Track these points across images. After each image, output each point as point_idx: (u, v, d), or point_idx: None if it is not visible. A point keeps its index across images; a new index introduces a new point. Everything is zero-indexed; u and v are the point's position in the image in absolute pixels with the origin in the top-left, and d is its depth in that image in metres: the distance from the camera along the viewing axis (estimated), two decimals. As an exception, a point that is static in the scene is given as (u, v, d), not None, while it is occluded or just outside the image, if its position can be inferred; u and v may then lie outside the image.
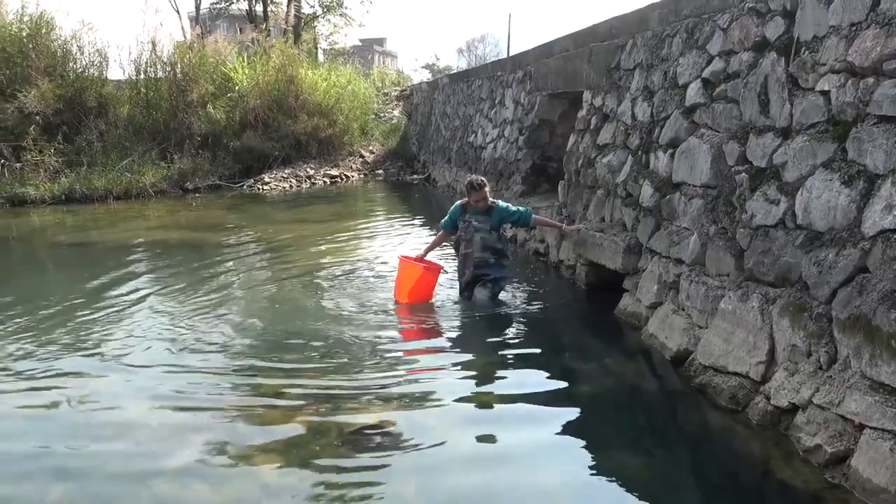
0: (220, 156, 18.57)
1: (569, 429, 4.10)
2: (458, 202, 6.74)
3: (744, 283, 4.45)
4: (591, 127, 7.47)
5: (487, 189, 6.52)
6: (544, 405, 4.46)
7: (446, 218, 6.76)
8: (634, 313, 5.80)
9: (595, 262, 6.63)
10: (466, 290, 6.60)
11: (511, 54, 19.40)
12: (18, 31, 17.79)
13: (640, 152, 6.23)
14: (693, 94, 5.42)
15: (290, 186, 18.35)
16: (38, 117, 16.90)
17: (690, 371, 4.64)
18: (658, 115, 5.98)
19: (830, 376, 3.53)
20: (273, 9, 30.59)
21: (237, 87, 19.25)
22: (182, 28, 30.12)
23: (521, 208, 6.72)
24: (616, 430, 4.16)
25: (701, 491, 3.55)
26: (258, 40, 21.73)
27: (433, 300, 6.65)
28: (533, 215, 6.77)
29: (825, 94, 3.98)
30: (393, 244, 10.16)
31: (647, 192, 5.92)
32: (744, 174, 4.61)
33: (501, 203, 6.63)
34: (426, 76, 48.91)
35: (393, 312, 6.39)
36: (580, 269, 7.11)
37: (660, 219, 5.69)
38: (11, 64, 17.31)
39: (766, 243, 4.27)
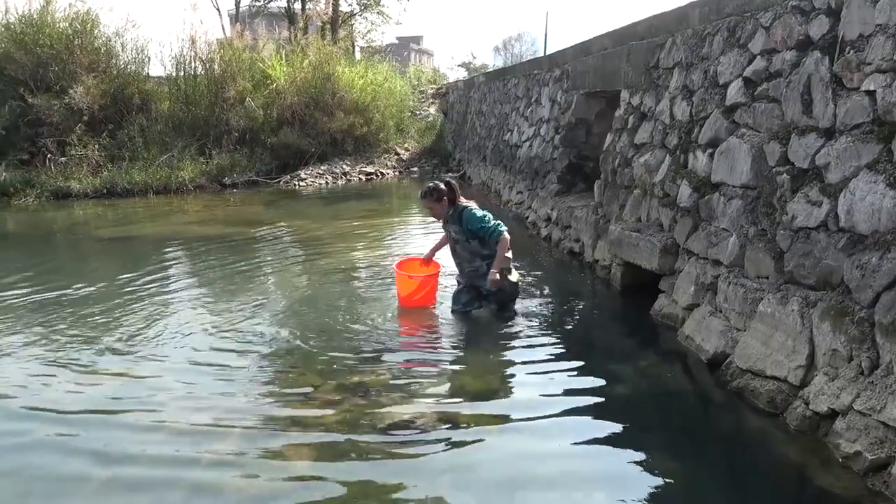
0: (257, 152, 18.80)
1: (602, 429, 4.08)
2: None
3: (783, 286, 4.38)
4: (629, 126, 7.41)
5: (432, 199, 5.79)
6: (578, 405, 4.43)
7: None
8: (670, 314, 5.75)
9: (631, 263, 6.57)
10: (459, 298, 6.19)
11: (548, 53, 19.31)
12: (65, 29, 18.18)
13: (678, 152, 6.16)
14: (734, 93, 5.35)
15: (326, 183, 18.49)
16: (84, 112, 17.27)
17: (727, 374, 4.59)
18: (697, 115, 5.91)
19: (872, 382, 3.47)
20: (311, 6, 30.81)
21: (275, 84, 19.43)
22: (222, 26, 30.47)
23: (489, 224, 5.70)
24: (651, 432, 4.13)
25: (737, 495, 3.51)
26: (296, 38, 21.91)
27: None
28: (500, 241, 5.68)
29: (870, 94, 3.89)
30: (427, 241, 10.17)
31: (684, 193, 5.85)
32: (785, 175, 4.54)
33: (474, 210, 5.79)
34: (462, 74, 48.92)
35: (428, 309, 6.39)
36: (615, 269, 7.06)
37: (698, 219, 5.63)
38: (58, 61, 17.70)
39: (807, 245, 4.20)
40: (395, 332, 5.82)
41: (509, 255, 5.84)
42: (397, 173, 20.35)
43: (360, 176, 19.40)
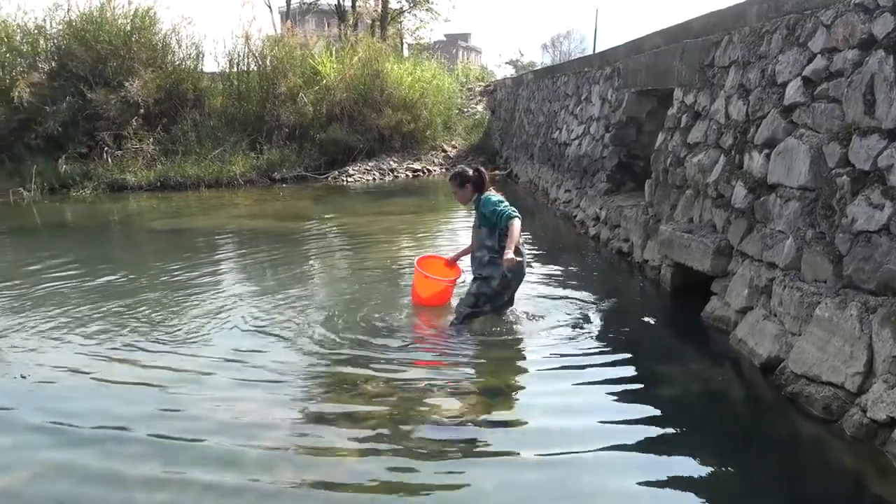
0: (306, 147, 19.05)
1: (651, 432, 4.04)
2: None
3: (842, 291, 4.28)
4: (682, 125, 7.31)
5: (455, 184, 5.65)
6: (626, 406, 4.40)
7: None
8: (722, 317, 5.66)
9: (681, 264, 6.49)
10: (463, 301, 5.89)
11: (597, 50, 19.14)
12: (124, 26, 18.64)
13: (733, 152, 6.06)
14: (792, 92, 5.24)
15: (374, 179, 18.63)
16: (140, 108, 17.70)
17: (781, 379, 4.50)
18: (754, 114, 5.81)
19: (935, 391, 3.37)
20: (361, 3, 31.01)
21: (324, 81, 19.63)
22: (273, 23, 30.93)
23: (499, 208, 5.40)
24: (702, 436, 4.07)
25: (790, 501, 3.45)
26: (345, 35, 22.09)
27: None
28: (510, 224, 5.33)
29: (938, 94, 3.78)
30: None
31: (739, 193, 5.76)
32: (845, 177, 4.43)
33: (490, 196, 5.56)
34: (510, 72, 48.72)
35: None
36: (665, 269, 6.97)
37: (753, 221, 5.53)
38: (117, 56, 18.16)
39: (867, 250, 4.09)
40: (442, 328, 5.84)
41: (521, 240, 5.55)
42: (444, 170, 20.38)
43: (407, 172, 19.49)
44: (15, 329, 6.16)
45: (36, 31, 18.95)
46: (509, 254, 5.19)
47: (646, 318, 6.28)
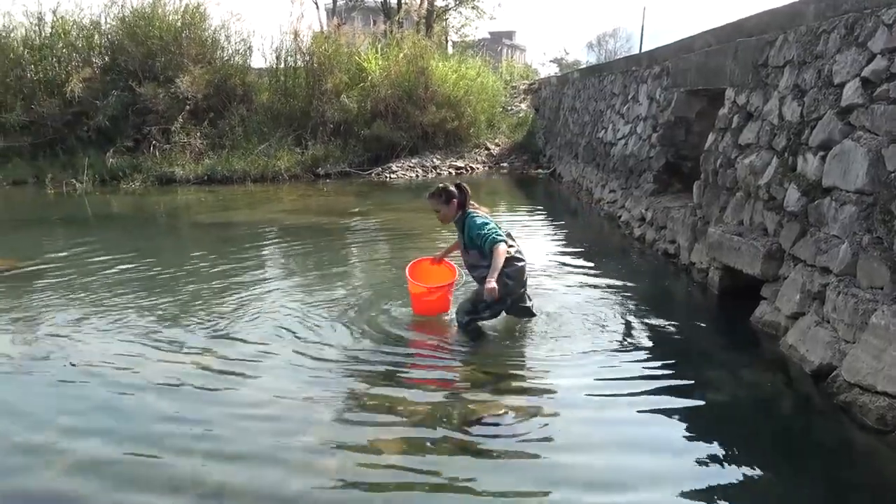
0: (350, 143, 19.19)
1: (697, 437, 3.97)
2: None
3: (900, 298, 4.16)
4: (733, 126, 7.17)
5: (440, 202, 5.38)
6: (671, 410, 4.33)
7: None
8: (772, 322, 5.54)
9: (730, 267, 6.37)
10: (461, 306, 5.73)
11: (644, 49, 18.90)
12: (174, 22, 19.00)
13: (786, 154, 5.93)
14: (850, 94, 5.10)
15: (416, 176, 18.68)
16: (188, 102, 18.03)
17: (833, 387, 4.38)
18: (809, 116, 5.67)
19: None
20: (406, 1, 31.10)
21: (370, 78, 19.73)
22: (319, 20, 31.17)
23: (483, 233, 5.21)
24: (750, 443, 3.98)
25: (842, 514, 3.37)
26: (391, 32, 22.18)
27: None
28: (494, 249, 5.12)
29: None
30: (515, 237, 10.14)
31: (792, 196, 5.62)
32: (906, 181, 4.30)
33: (475, 217, 5.33)
34: (554, 70, 48.43)
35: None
36: (713, 272, 6.85)
37: (806, 225, 5.40)
38: (167, 52, 18.52)
39: (928, 256, 3.97)
40: (483, 326, 5.81)
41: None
42: (487, 168, 20.35)
43: (450, 170, 19.49)
44: (65, 317, 6.32)
45: (91, 27, 19.44)
46: (491, 283, 5.02)
47: (692, 322, 6.19)
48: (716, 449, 3.84)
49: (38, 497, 3.49)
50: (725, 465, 3.69)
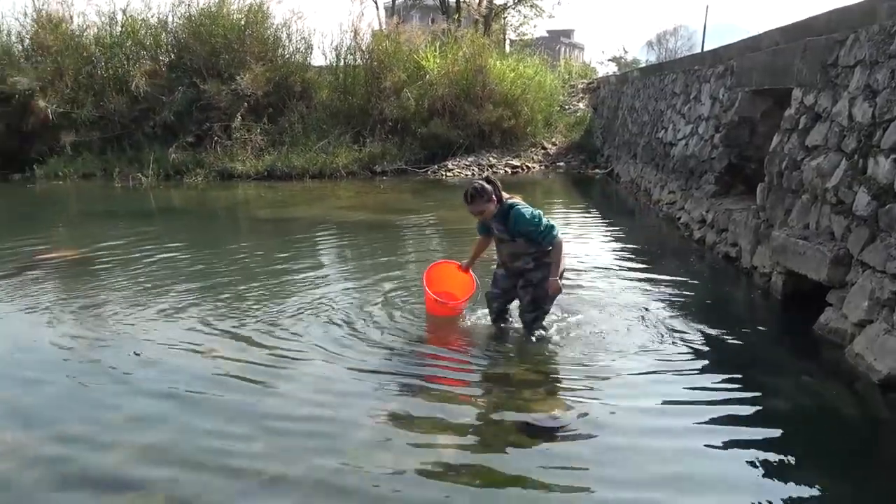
0: (407, 141, 19.29)
1: (758, 446, 3.85)
2: None
3: (976, 308, 3.99)
4: (800, 127, 6.98)
5: (483, 201, 5.16)
6: (731, 415, 4.24)
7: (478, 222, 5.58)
8: (838, 330, 5.37)
9: (794, 272, 6.20)
10: (497, 283, 5.60)
11: (707, 48, 18.53)
12: (238, 20, 19.42)
13: (856, 156, 5.74)
14: (927, 94, 4.92)
15: (472, 174, 18.67)
16: (249, 99, 18.40)
17: (902, 398, 4.24)
18: (881, 117, 5.48)
19: None
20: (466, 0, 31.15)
21: (428, 76, 19.80)
22: (378, 18, 31.43)
23: (540, 228, 5.13)
24: (813, 453, 3.87)
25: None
26: (450, 30, 22.22)
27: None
28: (556, 244, 5.14)
29: None
30: (568, 239, 10.06)
31: (862, 200, 5.44)
32: None
33: (522, 210, 5.16)
34: (612, 69, 47.86)
35: (570, 305, 6.29)
36: (776, 277, 6.68)
37: (876, 230, 5.22)
38: (230, 50, 18.93)
39: None
40: (542, 332, 5.77)
41: (565, 260, 5.34)
42: (543, 168, 20.22)
43: (506, 169, 19.44)
44: (128, 306, 6.54)
45: (159, 26, 20.00)
46: (557, 282, 5.09)
47: (753, 327, 6.05)
48: (776, 458, 3.74)
49: (100, 482, 3.59)
50: (786, 475, 3.59)
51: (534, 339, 5.38)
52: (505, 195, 5.27)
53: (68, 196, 16.46)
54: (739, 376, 4.82)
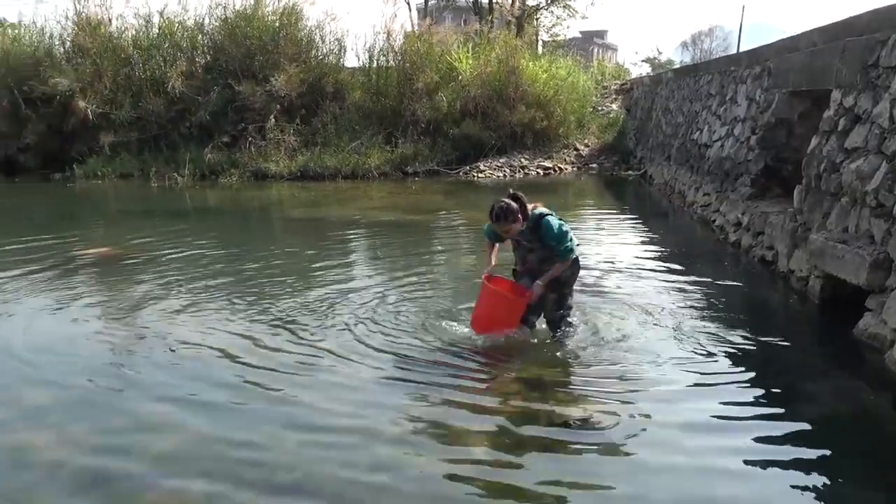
0: (439, 142, 19.33)
1: (793, 453, 3.80)
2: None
3: None
4: (839, 129, 6.86)
5: (510, 221, 5.01)
6: (767, 424, 4.17)
7: (485, 226, 5.49)
8: (877, 335, 5.26)
9: (833, 276, 6.09)
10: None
11: (744, 49, 18.29)
12: (273, 23, 19.62)
13: (897, 159, 5.63)
14: (972, 96, 4.80)
15: (504, 176, 18.65)
16: (282, 100, 18.58)
17: (945, 406, 4.15)
18: (924, 119, 5.37)
19: None
20: (498, 0, 31.11)
21: (460, 77, 19.81)
22: (411, 19, 31.53)
23: (562, 246, 5.07)
24: (848, 461, 3.78)
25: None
26: (482, 31, 22.21)
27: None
28: (567, 259, 5.12)
29: None
30: (600, 238, 10.01)
31: (903, 204, 5.34)
32: None
33: (552, 222, 5.07)
34: (646, 70, 47.45)
35: (602, 307, 6.25)
36: (814, 281, 6.57)
37: (917, 234, 5.12)
38: (265, 51, 19.15)
39: None
40: (569, 329, 5.75)
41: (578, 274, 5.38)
42: (575, 169, 20.10)
43: (538, 170, 19.37)
44: (163, 303, 6.66)
45: (195, 28, 20.30)
46: (540, 287, 5.08)
47: (790, 331, 5.95)
48: (811, 464, 3.68)
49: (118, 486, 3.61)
50: (821, 480, 3.53)
51: (559, 335, 5.36)
52: (529, 205, 5.20)
53: (106, 195, 16.80)
54: (775, 380, 4.75)
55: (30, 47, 20.08)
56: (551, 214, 5.16)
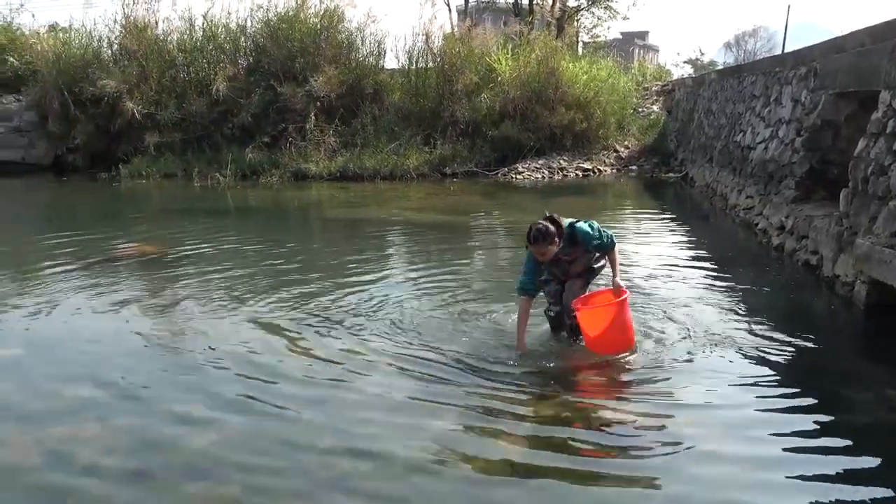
0: (478, 143, 19.32)
1: (838, 462, 3.70)
2: (529, 251, 5.10)
3: None
4: (888, 131, 6.69)
5: (546, 244, 4.89)
6: (809, 429, 4.08)
7: (524, 277, 5.20)
8: (926, 343, 5.14)
9: (880, 281, 5.95)
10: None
11: (789, 49, 17.95)
12: (314, 25, 19.84)
13: (949, 162, 5.48)
14: None
15: (543, 177, 18.55)
16: (322, 101, 18.77)
17: None
18: (977, 121, 5.21)
19: None
20: (539, 1, 30.97)
21: (500, 78, 19.77)
22: (451, 21, 31.54)
23: (603, 241, 5.04)
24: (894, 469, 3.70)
25: None
26: (522, 32, 22.14)
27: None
28: (612, 247, 5.10)
29: None
30: (640, 243, 9.89)
31: (954, 208, 5.19)
32: None
33: (583, 227, 5.03)
34: (688, 71, 46.82)
35: (642, 311, 6.16)
36: (860, 287, 6.42)
37: (969, 239, 4.97)
38: (306, 53, 19.36)
39: None
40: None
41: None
42: (615, 171, 19.92)
43: (577, 172, 19.23)
44: (204, 301, 6.77)
45: (237, 31, 20.61)
46: (618, 281, 4.99)
47: (835, 338, 5.85)
48: (857, 474, 3.59)
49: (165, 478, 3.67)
50: (867, 491, 3.44)
51: (581, 340, 5.24)
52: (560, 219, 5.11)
53: (150, 195, 17.13)
54: (818, 388, 4.67)
55: (79, 50, 20.53)
56: (575, 220, 5.12)
